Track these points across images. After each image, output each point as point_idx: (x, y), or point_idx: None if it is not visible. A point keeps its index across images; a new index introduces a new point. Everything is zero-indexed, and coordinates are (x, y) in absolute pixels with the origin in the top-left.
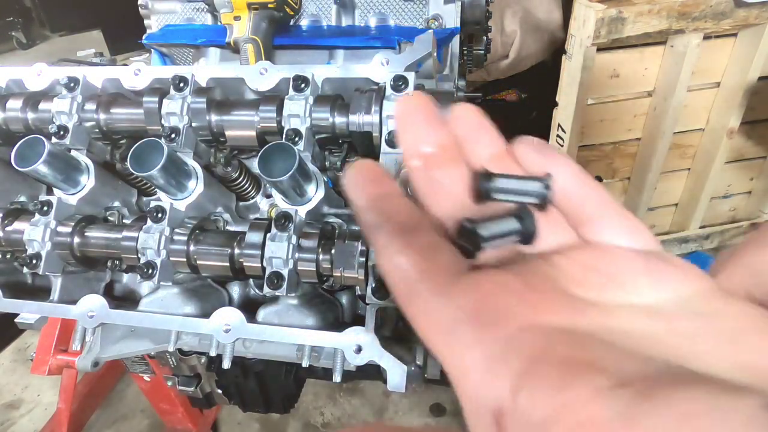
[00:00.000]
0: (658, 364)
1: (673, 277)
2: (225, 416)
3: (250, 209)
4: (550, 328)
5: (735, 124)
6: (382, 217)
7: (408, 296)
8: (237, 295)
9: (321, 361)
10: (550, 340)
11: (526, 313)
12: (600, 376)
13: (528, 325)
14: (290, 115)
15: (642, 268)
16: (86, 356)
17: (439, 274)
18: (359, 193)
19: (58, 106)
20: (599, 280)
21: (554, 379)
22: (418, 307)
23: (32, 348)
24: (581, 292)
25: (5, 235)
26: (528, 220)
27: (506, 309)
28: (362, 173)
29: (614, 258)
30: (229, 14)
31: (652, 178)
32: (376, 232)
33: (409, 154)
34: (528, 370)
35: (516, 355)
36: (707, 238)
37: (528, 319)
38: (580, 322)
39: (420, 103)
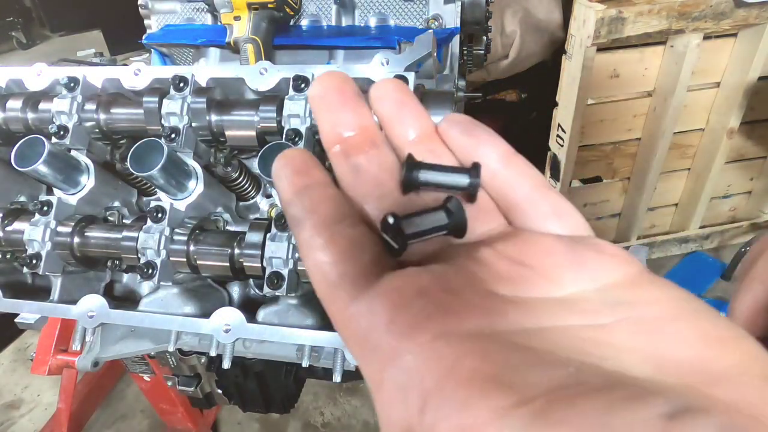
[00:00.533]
0: (569, 369)
1: (597, 265)
2: (225, 416)
3: (250, 209)
4: (464, 336)
5: (735, 124)
6: (306, 209)
7: (328, 298)
8: (237, 295)
9: (321, 361)
10: (461, 352)
11: (441, 319)
12: (501, 394)
13: (442, 333)
14: (290, 115)
15: (565, 257)
16: (86, 356)
17: (358, 276)
18: (284, 184)
19: (58, 106)
20: (524, 273)
21: (457, 399)
22: (338, 312)
23: (32, 348)
24: (505, 289)
25: (5, 235)
26: (458, 213)
27: (421, 316)
28: (288, 163)
29: (539, 248)
30: (229, 14)
31: (652, 178)
32: (299, 227)
33: (328, 140)
34: (435, 388)
35: (426, 371)
36: (707, 238)
37: (442, 327)
38: (499, 325)
39: (336, 82)
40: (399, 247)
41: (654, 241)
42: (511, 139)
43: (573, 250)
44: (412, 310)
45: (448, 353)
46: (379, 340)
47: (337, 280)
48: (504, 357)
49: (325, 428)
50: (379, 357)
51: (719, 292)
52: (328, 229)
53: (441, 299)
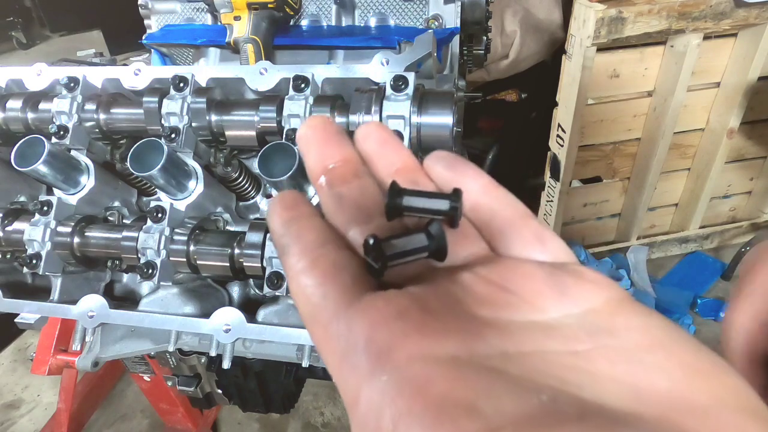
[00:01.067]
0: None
1: (578, 291)
2: (225, 416)
3: (250, 209)
4: (440, 359)
5: (735, 124)
6: (292, 237)
7: (310, 320)
8: (237, 295)
9: (321, 361)
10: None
11: (418, 340)
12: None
13: (418, 355)
14: (290, 115)
15: (546, 283)
16: (86, 356)
17: (339, 296)
18: (274, 218)
19: (58, 106)
20: (504, 297)
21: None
22: (319, 332)
23: (32, 348)
24: (485, 311)
25: (5, 235)
26: (438, 236)
27: (399, 337)
28: (278, 200)
29: (520, 274)
30: (229, 14)
31: (652, 178)
32: (286, 254)
33: (314, 173)
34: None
35: (399, 392)
36: (707, 238)
37: (419, 348)
38: (477, 348)
39: (319, 123)
40: (379, 268)
41: (654, 241)
42: (511, 139)
43: (554, 275)
44: (389, 330)
45: (422, 375)
46: (357, 359)
47: (319, 301)
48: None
49: (325, 428)
50: (356, 376)
51: (719, 292)
52: (311, 253)
53: (420, 320)
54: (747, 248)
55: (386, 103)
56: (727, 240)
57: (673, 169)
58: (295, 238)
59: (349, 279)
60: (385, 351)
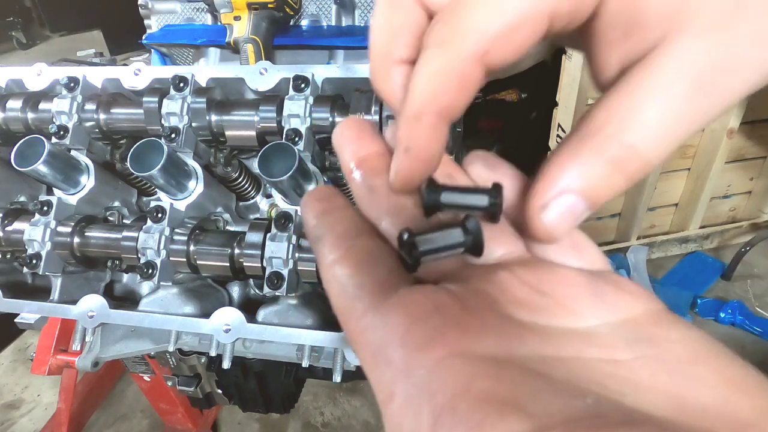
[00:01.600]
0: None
1: (618, 301)
2: (225, 416)
3: (250, 209)
4: (480, 357)
5: (735, 124)
6: (325, 227)
7: (344, 310)
8: (237, 295)
9: (321, 361)
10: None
11: (458, 337)
12: (518, 419)
13: (458, 351)
14: (290, 115)
15: (585, 290)
16: (86, 356)
17: (375, 289)
18: (307, 210)
19: (58, 106)
20: (542, 301)
21: (472, 419)
22: (353, 323)
23: (32, 348)
24: (523, 314)
25: (5, 235)
26: (475, 231)
27: (437, 332)
28: (312, 193)
29: (558, 278)
30: (229, 14)
31: (652, 178)
32: (319, 243)
33: (347, 167)
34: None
35: (439, 387)
36: (707, 238)
37: (459, 345)
38: (516, 349)
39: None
40: (413, 263)
41: (654, 241)
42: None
43: (593, 283)
44: (428, 324)
45: (464, 372)
46: (393, 352)
47: (354, 291)
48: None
49: (325, 428)
50: (392, 370)
51: (719, 292)
52: (345, 243)
53: (458, 317)
54: (747, 248)
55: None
56: (727, 240)
57: (673, 169)
58: (328, 229)
59: (384, 271)
60: (422, 345)
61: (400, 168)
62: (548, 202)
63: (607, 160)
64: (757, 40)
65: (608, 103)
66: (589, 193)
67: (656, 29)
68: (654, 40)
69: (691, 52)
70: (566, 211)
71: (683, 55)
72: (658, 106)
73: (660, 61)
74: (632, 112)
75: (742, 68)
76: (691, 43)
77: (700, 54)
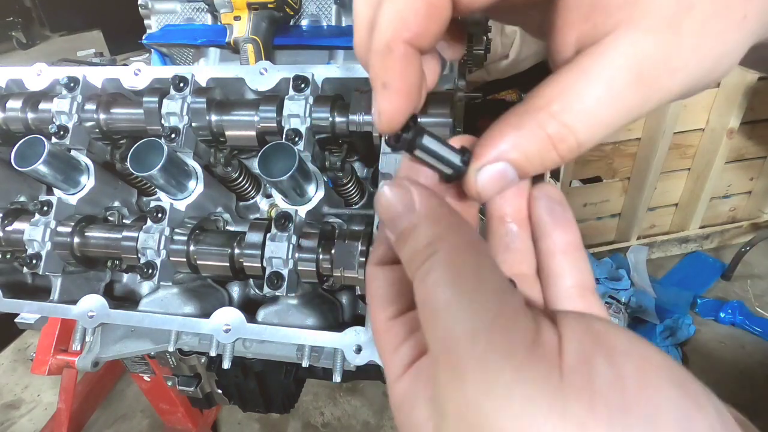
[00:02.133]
0: None
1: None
2: (225, 416)
3: (250, 209)
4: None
5: (735, 124)
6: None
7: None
8: (237, 295)
9: (321, 361)
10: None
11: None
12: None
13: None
14: (290, 115)
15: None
16: (86, 356)
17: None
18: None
19: (58, 106)
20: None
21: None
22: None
23: (32, 348)
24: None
25: (5, 235)
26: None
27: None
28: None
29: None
30: (229, 14)
31: (652, 178)
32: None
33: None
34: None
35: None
36: (707, 238)
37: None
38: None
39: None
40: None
41: (654, 241)
42: None
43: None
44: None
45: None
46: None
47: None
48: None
49: (325, 428)
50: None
51: (719, 292)
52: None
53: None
54: (747, 248)
55: None
56: (727, 240)
57: (673, 169)
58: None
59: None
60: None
61: (381, 107)
62: (483, 165)
63: (544, 136)
64: (699, 45)
65: (556, 82)
66: (522, 163)
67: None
68: (609, 27)
69: (638, 46)
70: (497, 176)
71: (631, 47)
72: (601, 92)
73: (609, 49)
74: (576, 94)
75: (681, 69)
76: (640, 37)
77: (647, 49)
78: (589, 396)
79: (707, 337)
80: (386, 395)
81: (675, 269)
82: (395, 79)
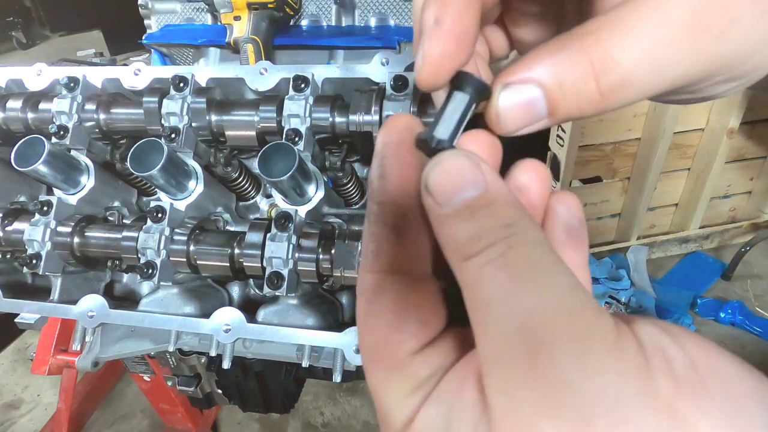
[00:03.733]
0: None
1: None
2: (225, 416)
3: (250, 209)
4: None
5: (735, 124)
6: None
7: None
8: (237, 295)
9: (321, 361)
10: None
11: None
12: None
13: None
14: (290, 115)
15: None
16: (86, 356)
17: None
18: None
19: (58, 106)
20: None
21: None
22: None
23: (32, 348)
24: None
25: (5, 235)
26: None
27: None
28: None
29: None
30: (229, 14)
31: (652, 178)
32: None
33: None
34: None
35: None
36: (707, 238)
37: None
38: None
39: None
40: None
41: (654, 241)
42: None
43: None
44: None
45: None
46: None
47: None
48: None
49: (325, 428)
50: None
51: (719, 292)
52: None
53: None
54: (747, 248)
55: (386, 103)
56: (727, 240)
57: (673, 169)
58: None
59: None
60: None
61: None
62: (511, 83)
63: (586, 62)
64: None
65: (606, 17)
66: (554, 92)
67: None
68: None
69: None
70: (523, 103)
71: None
72: (654, 29)
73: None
74: (627, 27)
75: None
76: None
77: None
78: (672, 377)
79: (707, 337)
80: None
81: (675, 269)
82: (451, 16)
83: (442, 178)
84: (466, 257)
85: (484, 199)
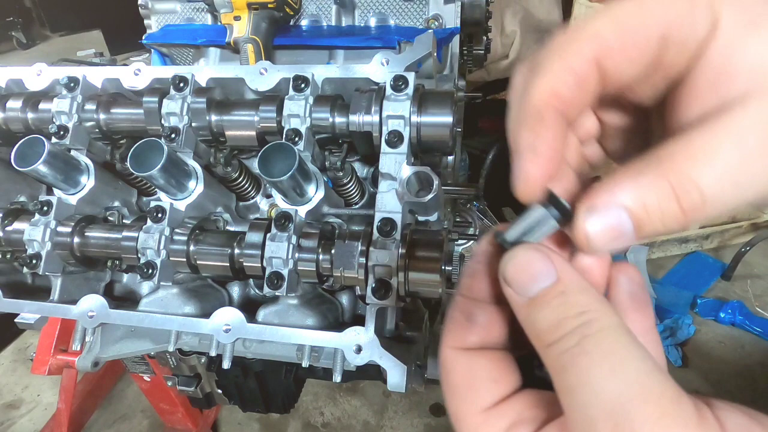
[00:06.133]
0: None
1: None
2: (225, 416)
3: (250, 209)
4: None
5: None
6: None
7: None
8: (237, 295)
9: (321, 361)
10: None
11: None
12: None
13: None
14: (290, 115)
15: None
16: (86, 356)
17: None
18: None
19: (58, 106)
20: None
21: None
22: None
23: (32, 348)
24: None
25: (5, 235)
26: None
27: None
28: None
29: None
30: (229, 14)
31: None
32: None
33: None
34: None
35: None
36: (707, 238)
37: None
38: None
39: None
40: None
41: (654, 241)
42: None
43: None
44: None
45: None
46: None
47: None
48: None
49: (325, 428)
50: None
51: (719, 292)
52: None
53: None
54: (747, 248)
55: (386, 102)
56: (727, 240)
57: None
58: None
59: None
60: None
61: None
62: (596, 208)
63: (667, 185)
64: None
65: (683, 140)
66: (640, 215)
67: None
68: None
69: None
70: (610, 226)
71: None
72: (729, 151)
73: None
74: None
75: None
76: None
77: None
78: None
79: (707, 337)
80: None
81: (675, 269)
82: (545, 144)
83: (516, 270)
84: (547, 344)
85: (557, 289)
